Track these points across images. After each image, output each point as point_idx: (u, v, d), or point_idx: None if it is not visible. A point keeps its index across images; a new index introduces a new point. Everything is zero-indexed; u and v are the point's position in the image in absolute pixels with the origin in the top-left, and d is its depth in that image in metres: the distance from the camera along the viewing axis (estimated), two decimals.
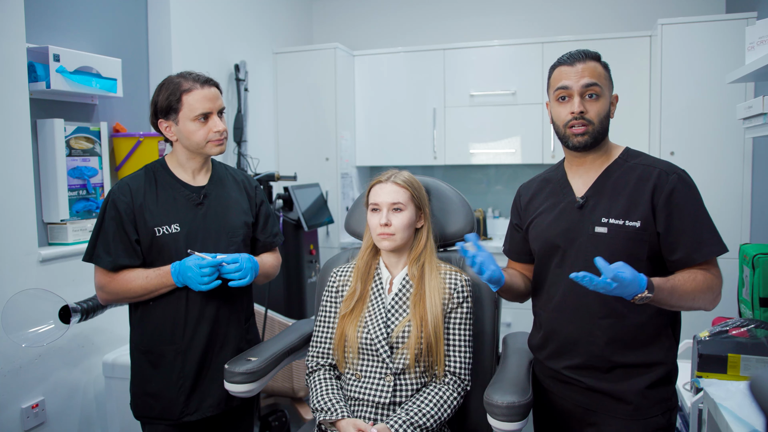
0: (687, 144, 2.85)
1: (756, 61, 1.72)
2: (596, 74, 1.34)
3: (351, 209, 1.85)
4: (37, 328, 1.79)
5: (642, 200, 1.32)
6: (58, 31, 2.19)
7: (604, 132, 1.38)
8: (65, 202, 2.14)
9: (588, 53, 1.37)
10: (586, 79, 1.34)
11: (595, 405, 1.40)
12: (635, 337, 1.35)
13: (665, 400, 1.36)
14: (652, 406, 1.35)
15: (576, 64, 1.35)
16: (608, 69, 1.39)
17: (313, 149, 3.57)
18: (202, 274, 1.51)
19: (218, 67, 3.06)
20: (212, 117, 1.60)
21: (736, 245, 2.52)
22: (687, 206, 1.31)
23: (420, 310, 1.53)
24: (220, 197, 1.67)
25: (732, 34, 2.73)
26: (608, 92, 1.37)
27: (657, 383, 1.35)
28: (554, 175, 1.49)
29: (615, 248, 1.32)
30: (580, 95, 1.34)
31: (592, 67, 1.34)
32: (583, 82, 1.34)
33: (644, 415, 1.35)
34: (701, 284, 1.29)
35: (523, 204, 1.54)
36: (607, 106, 1.37)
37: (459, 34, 3.82)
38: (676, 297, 1.26)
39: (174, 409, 1.60)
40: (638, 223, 1.31)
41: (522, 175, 3.76)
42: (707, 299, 1.31)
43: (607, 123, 1.38)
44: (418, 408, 1.47)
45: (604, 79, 1.36)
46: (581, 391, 1.41)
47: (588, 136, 1.35)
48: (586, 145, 1.36)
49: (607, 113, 1.37)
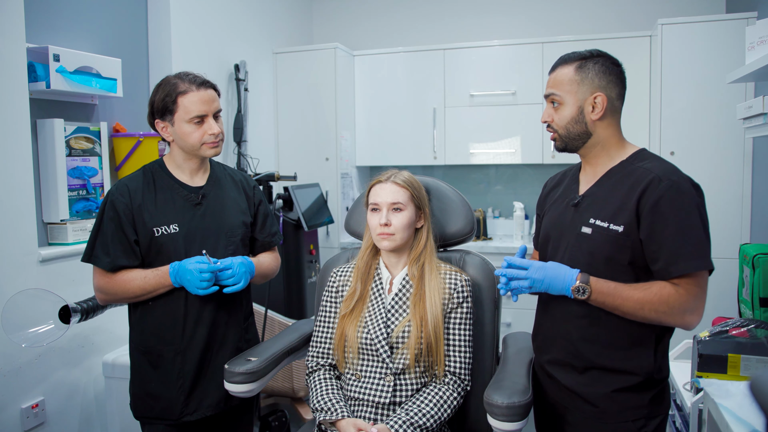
0: (687, 144, 2.85)
1: (756, 61, 1.72)
2: (558, 82, 1.37)
3: (351, 209, 1.85)
4: (37, 328, 1.79)
5: (629, 205, 1.29)
6: (58, 31, 2.19)
7: (577, 136, 1.37)
8: (65, 202, 2.14)
9: (562, 59, 1.39)
10: (548, 89, 1.39)
11: (569, 403, 1.42)
12: (611, 340, 1.34)
13: (637, 408, 1.33)
14: (619, 411, 1.33)
15: (551, 73, 1.40)
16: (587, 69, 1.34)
17: (313, 149, 3.56)
18: (202, 279, 1.51)
19: (218, 67, 3.06)
20: (207, 119, 1.59)
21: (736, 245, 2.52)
22: (672, 216, 1.25)
23: (420, 310, 1.53)
24: (218, 197, 1.67)
25: (732, 34, 2.72)
26: (575, 97, 1.34)
27: (626, 389, 1.33)
28: (572, 170, 1.51)
29: (595, 250, 1.33)
30: (549, 104, 1.40)
31: (557, 75, 1.37)
32: (546, 92, 1.40)
33: (611, 419, 1.34)
34: (653, 296, 1.25)
35: (544, 194, 1.58)
36: (572, 111, 1.35)
37: (459, 34, 3.82)
38: (618, 301, 1.27)
39: (173, 409, 1.61)
40: (621, 228, 1.29)
41: (522, 175, 3.76)
42: (661, 313, 1.25)
43: (577, 127, 1.36)
44: (418, 408, 1.47)
45: (568, 84, 1.35)
46: (559, 387, 1.44)
47: (558, 142, 1.40)
48: (563, 150, 1.41)
49: (574, 117, 1.35)
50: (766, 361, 1.50)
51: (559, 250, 1.41)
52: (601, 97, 1.34)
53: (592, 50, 1.38)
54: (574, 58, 1.36)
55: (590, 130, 1.36)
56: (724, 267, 2.86)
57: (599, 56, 1.36)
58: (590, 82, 1.34)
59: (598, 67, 1.35)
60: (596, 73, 1.34)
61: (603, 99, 1.34)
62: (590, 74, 1.34)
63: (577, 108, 1.35)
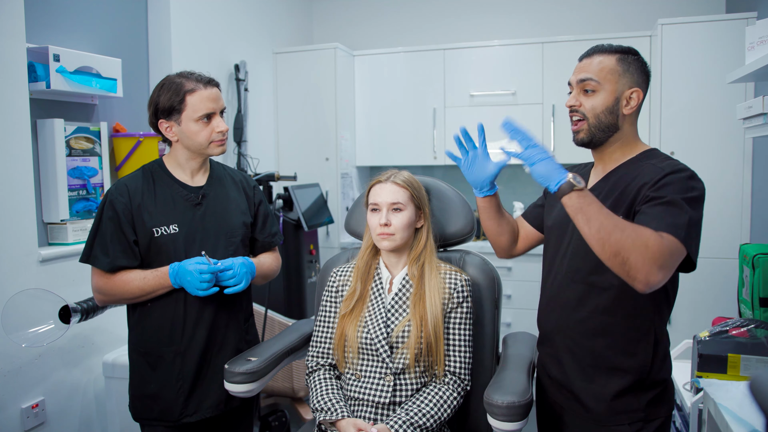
0: (687, 144, 2.85)
1: (756, 61, 1.71)
2: (594, 69, 1.32)
3: (351, 209, 1.85)
4: (37, 328, 1.79)
5: (630, 195, 1.27)
6: (58, 31, 2.19)
7: (606, 127, 1.33)
8: (65, 202, 2.14)
9: (599, 48, 1.35)
10: (582, 73, 1.33)
11: (566, 405, 1.42)
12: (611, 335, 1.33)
13: (633, 411, 1.32)
14: (616, 414, 1.33)
15: (584, 59, 1.36)
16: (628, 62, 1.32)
17: (313, 149, 3.56)
18: (202, 280, 1.51)
19: (218, 67, 3.06)
20: (215, 117, 1.60)
21: (736, 245, 2.52)
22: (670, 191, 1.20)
23: (420, 309, 1.53)
24: (218, 197, 1.67)
25: (732, 34, 2.72)
26: (614, 86, 1.32)
27: (623, 391, 1.32)
28: (584, 165, 1.52)
29: None
30: (579, 90, 1.34)
31: (597, 62, 1.33)
32: (578, 77, 1.34)
33: (606, 423, 1.34)
34: (634, 228, 1.13)
35: None
36: (609, 100, 1.32)
37: (459, 34, 3.82)
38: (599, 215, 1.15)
39: (173, 411, 1.60)
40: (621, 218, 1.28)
41: (522, 175, 3.75)
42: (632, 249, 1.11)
43: (610, 118, 1.33)
44: (418, 408, 1.47)
45: (608, 73, 1.31)
46: (558, 387, 1.44)
47: (582, 134, 1.35)
48: (582, 142, 1.36)
49: (608, 108, 1.32)
50: (766, 361, 1.50)
51: (563, 245, 1.41)
52: (638, 93, 1.33)
53: (628, 47, 1.36)
54: (615, 50, 1.34)
55: (619, 123, 1.34)
56: (724, 267, 2.87)
57: (637, 54, 1.35)
58: (631, 76, 1.33)
59: (638, 63, 1.34)
60: (636, 69, 1.33)
61: (639, 95, 1.33)
62: (632, 68, 1.33)
63: (614, 98, 1.32)
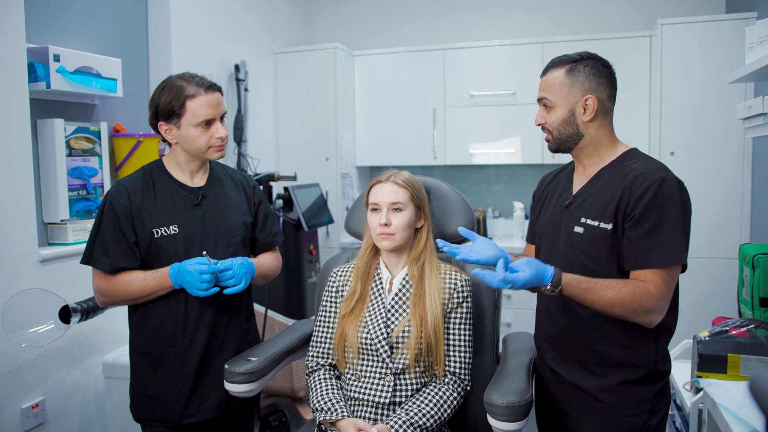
0: (687, 144, 2.85)
1: (756, 61, 1.72)
2: (549, 86, 1.39)
3: (351, 209, 1.85)
4: (37, 328, 1.79)
5: (615, 203, 1.32)
6: (58, 31, 2.19)
7: (568, 137, 1.39)
8: (65, 202, 2.14)
9: (553, 63, 1.40)
10: (540, 92, 1.41)
11: (574, 399, 1.43)
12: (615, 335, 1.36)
13: (641, 402, 1.36)
14: (625, 405, 1.35)
15: (542, 77, 1.43)
16: (577, 71, 1.36)
17: (313, 149, 3.56)
18: (202, 280, 1.51)
19: (218, 67, 3.06)
20: (215, 123, 1.59)
21: (736, 245, 2.52)
22: (652, 212, 1.27)
23: (420, 309, 1.53)
24: (218, 198, 1.67)
25: (732, 34, 2.72)
26: (565, 100, 1.37)
27: (631, 383, 1.35)
28: (566, 170, 1.53)
29: (588, 249, 1.35)
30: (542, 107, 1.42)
31: (548, 79, 1.40)
32: (538, 96, 1.42)
33: (617, 413, 1.36)
34: (626, 295, 1.26)
35: (539, 192, 1.61)
36: (563, 113, 1.37)
37: (459, 34, 3.82)
38: (590, 299, 1.28)
39: (174, 412, 1.60)
40: (610, 226, 1.32)
41: (522, 175, 3.76)
42: (630, 311, 1.27)
43: (569, 129, 1.38)
44: (418, 408, 1.47)
45: (559, 88, 1.37)
46: (564, 385, 1.45)
47: (550, 145, 1.44)
48: (556, 150, 1.44)
49: (565, 119, 1.37)
50: (766, 361, 1.50)
51: (554, 251, 1.43)
52: (592, 99, 1.36)
53: (582, 53, 1.39)
54: (565, 62, 1.38)
55: (582, 131, 1.38)
56: (724, 267, 2.87)
57: (589, 59, 1.38)
58: (581, 85, 1.36)
59: (588, 69, 1.36)
60: (586, 76, 1.36)
61: (594, 101, 1.36)
62: (581, 77, 1.36)
63: (568, 110, 1.37)
